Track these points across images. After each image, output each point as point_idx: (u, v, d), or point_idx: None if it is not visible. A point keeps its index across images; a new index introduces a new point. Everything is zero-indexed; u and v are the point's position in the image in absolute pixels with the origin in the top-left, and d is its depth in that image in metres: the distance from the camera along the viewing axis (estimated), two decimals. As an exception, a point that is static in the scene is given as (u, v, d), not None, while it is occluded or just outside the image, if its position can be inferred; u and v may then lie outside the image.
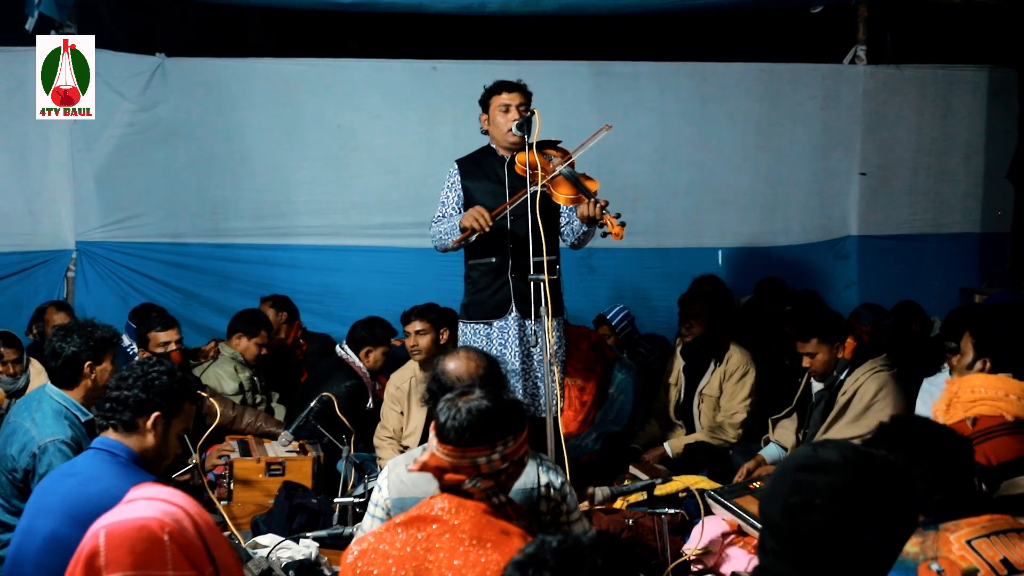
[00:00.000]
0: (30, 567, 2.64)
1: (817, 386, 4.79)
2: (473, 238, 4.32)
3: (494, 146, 4.53)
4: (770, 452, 4.89)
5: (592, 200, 4.13)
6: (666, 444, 5.25)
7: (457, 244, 4.38)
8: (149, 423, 2.87)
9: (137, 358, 5.26)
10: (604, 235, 4.22)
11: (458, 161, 4.59)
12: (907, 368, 4.96)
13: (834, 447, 1.86)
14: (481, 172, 4.51)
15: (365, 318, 5.63)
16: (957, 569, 2.21)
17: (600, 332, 6.22)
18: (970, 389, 3.39)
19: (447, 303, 5.30)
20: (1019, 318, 4.80)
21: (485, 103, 4.50)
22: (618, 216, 4.09)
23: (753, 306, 6.52)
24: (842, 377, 4.64)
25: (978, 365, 3.61)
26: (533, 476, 2.92)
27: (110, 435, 2.89)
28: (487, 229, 4.23)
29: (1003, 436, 3.21)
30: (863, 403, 4.56)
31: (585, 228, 4.34)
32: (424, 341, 5.11)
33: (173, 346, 5.09)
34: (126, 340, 5.57)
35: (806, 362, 4.67)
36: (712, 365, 5.33)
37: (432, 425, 2.38)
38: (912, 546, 2.27)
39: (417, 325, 5.13)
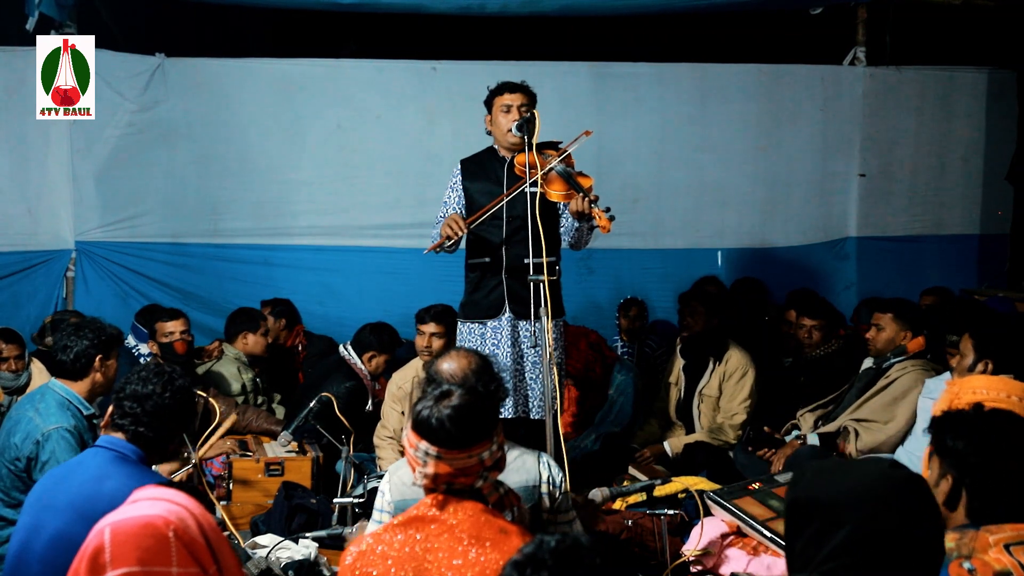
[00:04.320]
0: (36, 564, 2.64)
1: (867, 363, 4.90)
2: (449, 244, 4.27)
3: (496, 147, 4.54)
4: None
5: (582, 195, 4.13)
6: (665, 443, 5.25)
7: (432, 250, 4.34)
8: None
9: (148, 351, 5.32)
10: (591, 228, 4.23)
11: (462, 161, 4.60)
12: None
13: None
14: (482, 172, 4.52)
15: (375, 323, 5.62)
16: (989, 570, 2.19)
17: (631, 313, 6.39)
18: (971, 390, 3.36)
19: (447, 304, 5.29)
20: (1014, 322, 4.83)
21: (489, 104, 4.50)
22: (607, 210, 4.09)
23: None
24: (892, 361, 4.75)
25: (980, 367, 3.60)
26: (535, 472, 2.93)
27: (118, 435, 2.91)
28: (461, 234, 4.20)
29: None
30: (894, 393, 4.66)
31: (577, 224, 4.34)
32: (438, 344, 5.07)
33: (177, 336, 5.13)
34: (131, 340, 5.59)
35: (871, 333, 4.84)
36: (711, 364, 5.33)
37: (418, 436, 2.35)
38: (948, 541, 2.26)
39: (433, 327, 5.11)
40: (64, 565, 2.06)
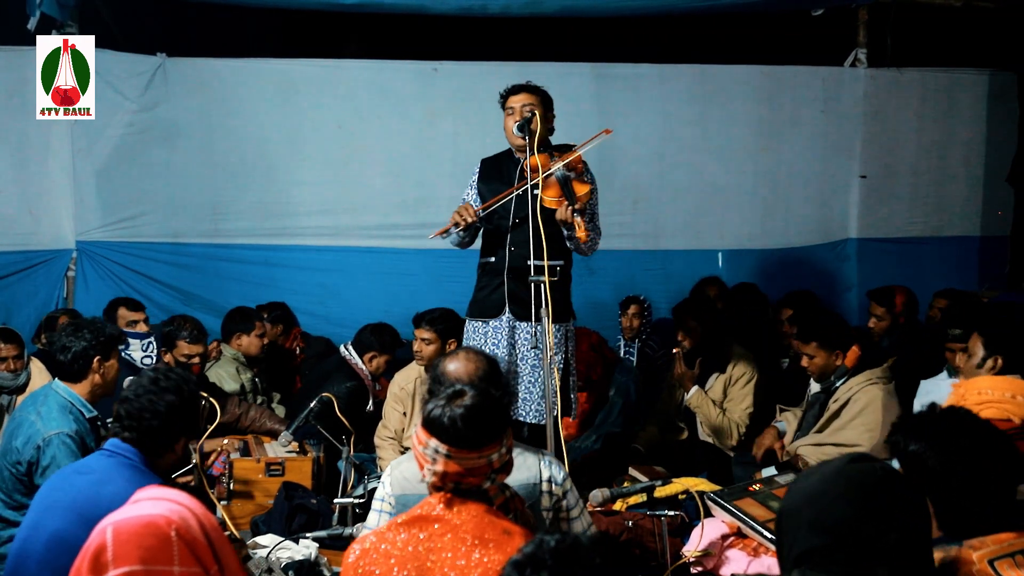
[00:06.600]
0: (34, 564, 2.65)
1: (815, 387, 4.79)
2: (455, 231, 4.34)
3: (513, 148, 4.53)
4: (782, 426, 4.91)
5: (566, 204, 4.11)
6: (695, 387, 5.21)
7: (438, 235, 4.41)
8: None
9: (158, 361, 5.31)
10: (569, 237, 4.23)
11: (482, 160, 4.61)
12: (908, 367, 4.95)
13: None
14: (496, 173, 4.53)
15: (376, 323, 5.62)
16: None
17: (630, 312, 6.33)
18: (977, 391, 3.36)
19: (446, 304, 5.29)
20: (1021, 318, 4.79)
21: (503, 107, 4.50)
22: (589, 221, 4.15)
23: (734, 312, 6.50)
24: (838, 384, 4.63)
25: (989, 363, 3.55)
26: (535, 471, 2.92)
27: (124, 436, 2.92)
28: (469, 220, 4.26)
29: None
30: (851, 414, 4.52)
31: (565, 232, 4.31)
32: (428, 351, 5.06)
33: (196, 359, 5.10)
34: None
35: (804, 362, 4.70)
36: (715, 373, 5.31)
37: (427, 433, 2.36)
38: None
39: (424, 333, 5.10)
40: (61, 566, 2.07)
